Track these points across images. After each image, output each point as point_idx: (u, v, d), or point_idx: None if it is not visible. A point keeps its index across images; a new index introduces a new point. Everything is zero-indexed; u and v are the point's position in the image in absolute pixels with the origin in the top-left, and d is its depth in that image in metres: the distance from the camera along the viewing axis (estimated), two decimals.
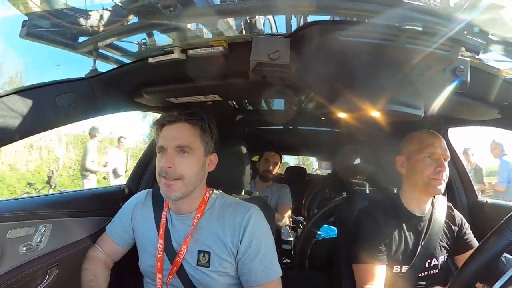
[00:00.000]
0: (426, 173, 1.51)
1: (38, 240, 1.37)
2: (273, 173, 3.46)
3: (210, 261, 1.37)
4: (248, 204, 1.48)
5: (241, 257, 1.36)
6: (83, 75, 1.40)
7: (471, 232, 1.66)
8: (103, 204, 1.76)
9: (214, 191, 1.53)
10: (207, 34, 1.24)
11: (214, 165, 1.47)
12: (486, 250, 0.96)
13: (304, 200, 3.59)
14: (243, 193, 1.78)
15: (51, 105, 1.25)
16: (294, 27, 1.23)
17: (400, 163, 1.65)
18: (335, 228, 2.82)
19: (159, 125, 1.38)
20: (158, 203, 1.52)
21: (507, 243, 0.92)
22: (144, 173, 2.07)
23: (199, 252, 1.38)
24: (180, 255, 1.38)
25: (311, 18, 1.13)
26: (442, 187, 1.51)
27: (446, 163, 1.53)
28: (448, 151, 1.55)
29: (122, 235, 1.54)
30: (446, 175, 1.52)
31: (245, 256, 1.35)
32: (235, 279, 1.41)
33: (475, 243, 1.61)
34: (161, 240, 1.41)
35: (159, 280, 1.40)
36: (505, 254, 0.97)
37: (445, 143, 1.57)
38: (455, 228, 1.64)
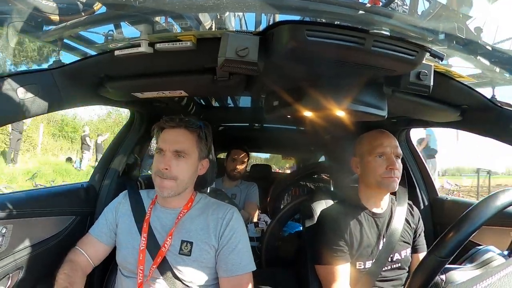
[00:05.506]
0: (378, 172, 1.57)
1: None
2: (241, 172, 3.45)
3: (192, 250, 1.44)
4: (229, 205, 1.60)
5: (221, 249, 1.45)
6: None
7: (423, 235, 1.74)
8: (67, 203, 1.72)
9: (198, 193, 1.63)
10: (176, 28, 1.22)
11: (205, 169, 1.59)
12: (420, 276, 0.97)
13: (269, 197, 3.61)
14: (208, 191, 1.77)
15: (12, 97, 1.18)
16: (263, 24, 1.22)
17: (354, 164, 1.70)
18: (300, 225, 2.85)
19: (159, 128, 1.51)
20: (136, 206, 1.58)
21: (437, 270, 0.94)
22: (108, 170, 2.02)
23: (182, 241, 1.45)
24: (165, 245, 1.43)
25: (280, 17, 1.13)
26: (395, 184, 1.56)
27: (398, 161, 1.58)
28: (399, 149, 1.61)
29: (108, 234, 1.56)
30: (398, 172, 1.57)
31: (224, 247, 1.44)
32: (212, 273, 1.47)
33: (424, 248, 1.70)
34: (145, 233, 1.47)
35: (141, 271, 1.41)
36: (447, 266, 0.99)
37: (396, 141, 1.62)
38: (413, 227, 1.70)
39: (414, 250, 1.68)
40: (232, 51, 1.01)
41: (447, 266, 0.95)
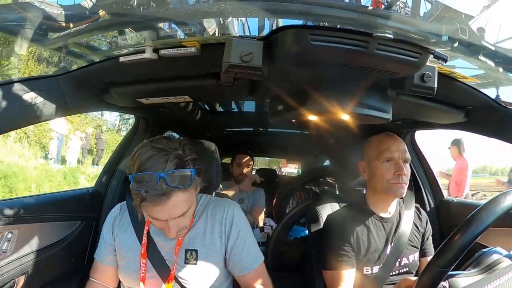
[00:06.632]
0: (385, 178, 1.54)
1: (4, 247, 1.32)
2: (248, 175, 3.45)
3: (198, 258, 1.38)
4: (226, 199, 1.54)
5: (231, 249, 1.41)
6: None
7: (431, 239, 1.72)
8: (72, 208, 1.72)
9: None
10: (180, 34, 1.23)
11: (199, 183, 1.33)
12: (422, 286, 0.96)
13: (274, 202, 3.61)
14: (213, 195, 1.77)
15: (18, 103, 1.20)
16: (267, 29, 1.23)
17: (362, 168, 1.68)
18: (305, 229, 2.84)
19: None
20: (136, 218, 1.46)
21: (438, 280, 0.93)
22: (113, 175, 2.02)
23: (187, 250, 1.39)
24: (173, 268, 1.36)
25: (284, 22, 1.14)
26: (403, 190, 1.53)
27: (406, 165, 1.56)
28: (407, 153, 1.58)
29: (111, 256, 1.46)
30: (406, 177, 1.54)
31: (234, 247, 1.41)
32: (218, 277, 1.43)
33: (431, 252, 1.67)
34: (144, 259, 1.37)
35: None
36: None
37: (404, 145, 1.59)
38: (421, 231, 1.68)
39: (422, 254, 1.67)
40: (236, 57, 1.02)
41: (450, 272, 0.94)
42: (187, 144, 1.25)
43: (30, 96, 1.22)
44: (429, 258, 1.47)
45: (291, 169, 12.82)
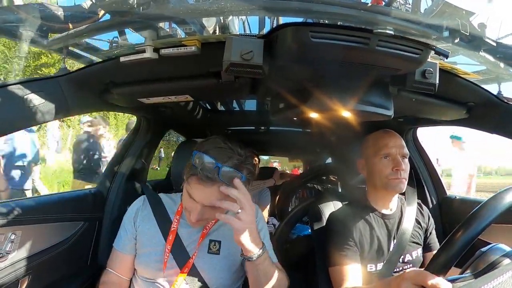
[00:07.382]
0: (384, 174, 1.55)
1: (8, 248, 1.32)
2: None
3: (221, 249, 1.46)
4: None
5: None
6: None
7: (434, 233, 1.71)
8: (75, 209, 1.72)
9: None
10: (180, 33, 1.23)
11: None
12: None
13: (277, 200, 3.61)
14: None
15: (19, 105, 1.20)
16: (267, 27, 1.23)
17: (361, 166, 1.69)
18: (308, 227, 2.84)
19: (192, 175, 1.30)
20: (158, 210, 1.54)
21: None
22: (115, 175, 2.03)
23: (211, 241, 1.47)
24: (193, 256, 1.42)
25: (284, 19, 1.13)
26: (403, 185, 1.54)
27: (405, 160, 1.57)
28: (405, 148, 1.59)
29: (131, 245, 1.50)
30: (405, 172, 1.55)
31: None
32: (238, 268, 1.48)
33: (436, 246, 1.67)
34: (169, 245, 1.42)
35: (167, 282, 1.41)
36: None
37: (402, 141, 1.60)
38: (424, 226, 1.68)
39: (428, 248, 1.67)
40: (236, 55, 1.01)
41: (451, 277, 0.93)
42: (250, 157, 1.36)
43: (31, 98, 1.22)
44: (434, 253, 1.47)
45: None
